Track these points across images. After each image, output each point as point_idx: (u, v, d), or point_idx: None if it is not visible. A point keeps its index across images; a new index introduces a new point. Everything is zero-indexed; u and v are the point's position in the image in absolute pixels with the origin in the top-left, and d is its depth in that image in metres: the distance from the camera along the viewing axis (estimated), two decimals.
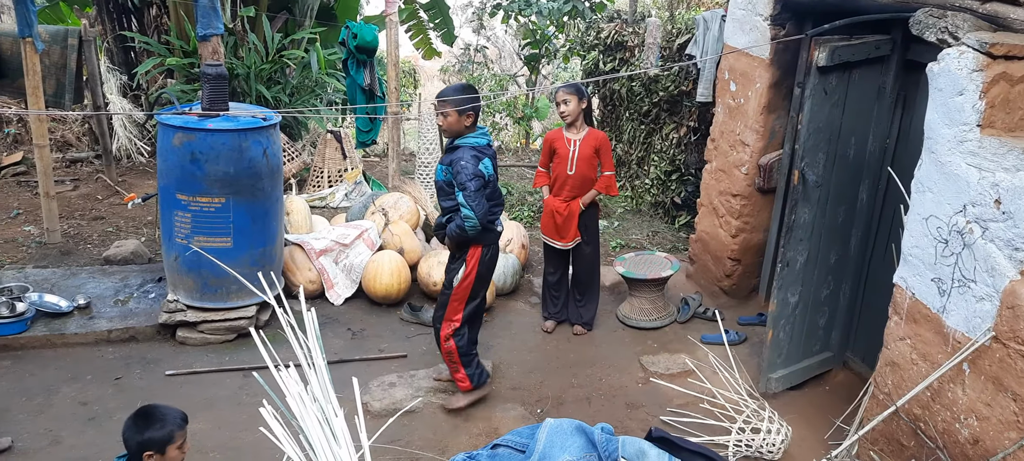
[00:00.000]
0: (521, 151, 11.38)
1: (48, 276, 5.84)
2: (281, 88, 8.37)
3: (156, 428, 2.85)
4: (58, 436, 4.22)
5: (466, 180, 4.14)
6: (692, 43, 6.56)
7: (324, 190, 8.22)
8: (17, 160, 8.67)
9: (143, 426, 2.85)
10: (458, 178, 4.17)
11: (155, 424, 2.86)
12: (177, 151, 4.79)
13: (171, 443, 2.88)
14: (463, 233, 4.23)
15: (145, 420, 2.87)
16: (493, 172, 4.31)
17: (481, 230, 4.24)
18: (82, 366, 4.90)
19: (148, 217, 7.37)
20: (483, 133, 4.35)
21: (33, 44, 6.04)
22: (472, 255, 4.35)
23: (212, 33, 5.52)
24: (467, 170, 4.14)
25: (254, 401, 4.61)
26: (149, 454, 2.85)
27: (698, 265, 6.36)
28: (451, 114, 4.20)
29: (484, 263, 4.39)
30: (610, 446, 1.54)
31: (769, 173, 5.55)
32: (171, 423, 2.89)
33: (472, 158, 4.18)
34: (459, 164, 4.17)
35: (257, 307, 5.34)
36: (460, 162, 4.17)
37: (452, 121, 4.23)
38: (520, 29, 11.63)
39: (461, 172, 4.15)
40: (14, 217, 7.24)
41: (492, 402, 4.76)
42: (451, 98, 4.21)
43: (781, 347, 4.81)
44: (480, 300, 4.56)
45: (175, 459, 2.93)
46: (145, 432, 2.84)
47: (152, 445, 2.84)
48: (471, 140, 4.27)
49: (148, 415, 2.89)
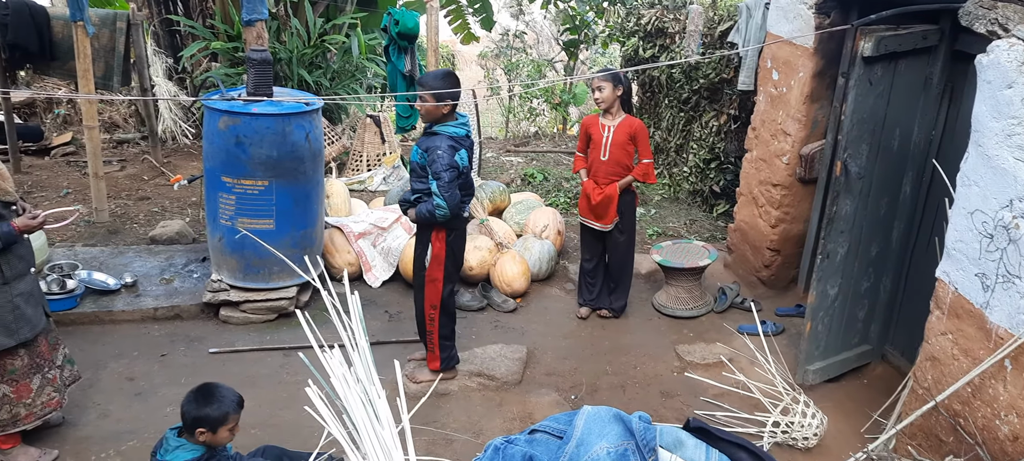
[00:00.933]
0: (558, 137, 11.37)
1: (96, 254, 6.00)
2: (322, 72, 8.46)
3: (213, 407, 2.97)
4: (106, 409, 4.36)
5: (441, 170, 4.18)
6: (734, 30, 6.49)
7: (363, 174, 8.30)
8: (66, 141, 8.90)
9: (202, 403, 2.97)
10: (433, 167, 4.21)
11: (213, 403, 2.97)
12: (222, 134, 4.89)
13: (224, 424, 2.99)
14: (433, 218, 4.29)
15: (204, 397, 2.99)
16: (468, 163, 4.35)
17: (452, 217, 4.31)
18: (129, 342, 5.04)
19: (192, 198, 7.53)
20: (463, 123, 4.38)
21: (84, 28, 6.18)
22: (437, 238, 4.41)
23: (257, 18, 5.62)
24: (442, 160, 4.18)
25: (294, 380, 4.72)
26: (202, 430, 2.96)
27: (736, 255, 6.32)
28: (429, 100, 4.24)
29: (450, 244, 4.44)
30: (648, 434, 1.56)
31: (811, 163, 5.49)
32: (227, 405, 3.00)
33: (449, 148, 4.22)
34: (435, 153, 4.20)
35: (297, 288, 5.44)
36: (437, 150, 4.21)
37: (429, 107, 4.26)
38: (559, 14, 11.60)
39: (436, 161, 4.19)
40: (64, 196, 7.44)
41: (527, 387, 4.81)
42: (430, 84, 4.26)
43: (819, 339, 4.78)
44: (453, 286, 4.64)
45: (224, 439, 3.04)
46: (203, 408, 2.96)
47: (206, 422, 2.95)
48: (450, 129, 4.30)
49: (208, 393, 3.02)
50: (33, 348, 3.78)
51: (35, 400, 3.81)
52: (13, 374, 3.71)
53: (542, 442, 1.74)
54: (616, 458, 1.55)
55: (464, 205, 4.44)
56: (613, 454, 1.56)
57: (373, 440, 1.71)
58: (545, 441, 1.73)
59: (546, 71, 11.67)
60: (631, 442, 1.57)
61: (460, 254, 4.60)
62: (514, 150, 10.29)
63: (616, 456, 1.56)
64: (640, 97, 9.02)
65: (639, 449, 1.55)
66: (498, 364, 4.91)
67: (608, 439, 1.59)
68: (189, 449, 3.01)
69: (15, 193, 3.64)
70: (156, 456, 3.05)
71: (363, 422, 1.74)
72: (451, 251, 4.45)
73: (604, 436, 1.61)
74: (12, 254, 3.58)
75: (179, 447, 3.01)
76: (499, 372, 4.85)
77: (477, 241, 6.03)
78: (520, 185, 8.63)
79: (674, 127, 8.40)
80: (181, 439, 3.04)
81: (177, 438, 3.04)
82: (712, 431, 1.63)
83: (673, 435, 1.58)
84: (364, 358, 1.99)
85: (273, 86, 5.09)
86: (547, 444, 1.72)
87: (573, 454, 1.60)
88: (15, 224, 3.53)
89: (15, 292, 3.61)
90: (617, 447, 1.57)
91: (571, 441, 1.62)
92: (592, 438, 1.61)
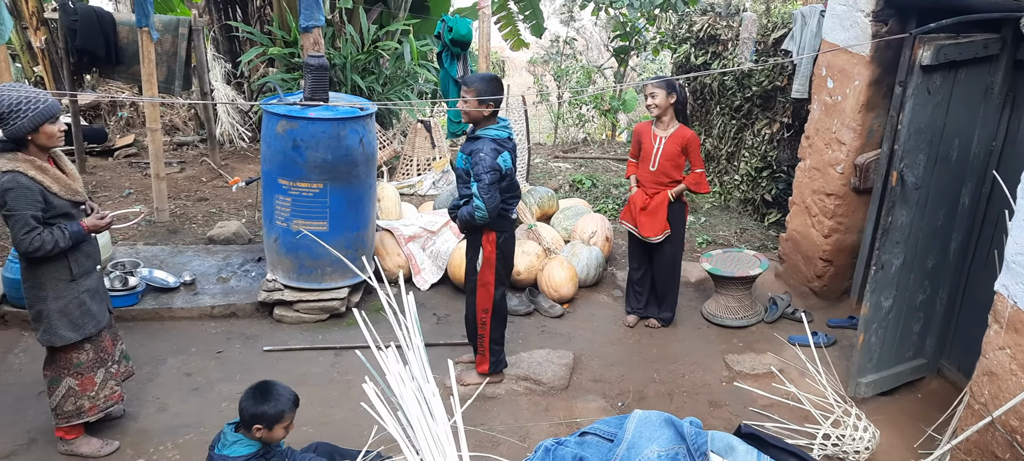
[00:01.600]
0: (607, 143, 11.35)
1: (157, 253, 6.20)
2: (375, 78, 8.61)
3: (270, 404, 3.06)
4: (164, 403, 4.50)
5: (482, 172, 4.22)
6: (789, 38, 6.42)
7: (413, 178, 8.41)
8: (129, 142, 9.20)
9: (260, 400, 3.06)
10: (475, 169, 4.25)
11: (270, 400, 3.06)
12: (280, 138, 5.02)
13: (280, 422, 3.07)
14: (472, 220, 4.33)
15: (262, 395, 3.08)
16: (511, 165, 4.38)
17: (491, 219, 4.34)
18: (187, 339, 5.19)
19: (248, 200, 7.71)
20: (504, 126, 4.42)
21: (149, 33, 6.40)
22: (487, 240, 4.45)
23: (314, 25, 5.75)
24: (484, 163, 4.22)
25: (345, 379, 4.81)
26: (259, 427, 3.04)
27: (788, 265, 6.25)
28: (471, 102, 4.29)
29: (500, 247, 4.48)
30: (699, 439, 1.57)
31: (866, 173, 5.41)
32: (284, 403, 3.09)
33: (492, 151, 4.26)
34: (478, 155, 4.25)
35: (349, 290, 5.54)
36: (479, 153, 4.25)
37: (471, 107, 4.31)
38: (610, 21, 11.60)
39: (479, 163, 4.23)
40: (126, 196, 7.69)
41: (573, 392, 4.82)
42: (475, 86, 4.30)
43: (872, 351, 4.70)
44: (504, 289, 4.68)
45: (279, 436, 3.12)
46: (261, 406, 3.05)
47: (263, 419, 3.04)
48: (493, 132, 4.34)
49: (266, 391, 3.11)
50: (98, 343, 3.93)
51: (98, 393, 3.95)
52: (79, 368, 3.85)
53: (592, 444, 1.76)
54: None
55: (510, 207, 4.49)
56: (664, 457, 1.57)
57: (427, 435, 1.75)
58: (595, 443, 1.75)
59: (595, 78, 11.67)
60: (682, 446, 1.58)
61: (510, 257, 4.66)
62: (562, 156, 10.31)
63: (667, 460, 1.57)
64: (691, 104, 8.97)
65: (690, 453, 1.56)
66: (545, 369, 4.93)
67: (659, 443, 1.61)
68: (246, 444, 3.10)
69: (84, 193, 3.79)
70: (214, 450, 3.14)
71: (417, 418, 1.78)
72: (502, 254, 4.50)
73: (655, 440, 1.62)
74: (80, 252, 3.73)
75: (236, 442, 3.10)
76: (546, 377, 4.87)
77: (525, 246, 6.06)
78: (568, 191, 8.65)
79: (726, 135, 8.34)
80: (239, 434, 3.13)
81: (235, 433, 3.14)
82: (764, 438, 1.63)
83: (724, 441, 1.59)
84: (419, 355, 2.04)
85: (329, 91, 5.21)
86: (598, 446, 1.74)
87: (624, 457, 1.62)
88: (84, 223, 3.67)
89: (82, 288, 3.76)
90: (668, 451, 1.58)
91: (622, 444, 1.64)
92: (643, 441, 1.63)
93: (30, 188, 3.46)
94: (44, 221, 3.53)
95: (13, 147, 3.49)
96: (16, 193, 3.43)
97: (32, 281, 3.67)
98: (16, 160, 3.46)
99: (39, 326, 3.74)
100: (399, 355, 2.11)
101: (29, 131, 3.44)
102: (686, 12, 9.32)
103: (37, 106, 3.43)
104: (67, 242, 3.57)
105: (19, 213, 3.43)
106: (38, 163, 3.51)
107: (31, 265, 3.63)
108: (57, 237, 3.54)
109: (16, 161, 3.46)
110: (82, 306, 3.76)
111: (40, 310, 3.70)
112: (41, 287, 3.67)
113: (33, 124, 3.42)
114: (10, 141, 3.47)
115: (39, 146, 3.52)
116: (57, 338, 3.73)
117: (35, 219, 3.48)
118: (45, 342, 3.77)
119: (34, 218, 3.47)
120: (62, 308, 3.70)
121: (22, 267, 3.68)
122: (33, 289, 3.68)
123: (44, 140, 3.51)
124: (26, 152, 3.50)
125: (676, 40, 9.11)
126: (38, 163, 3.51)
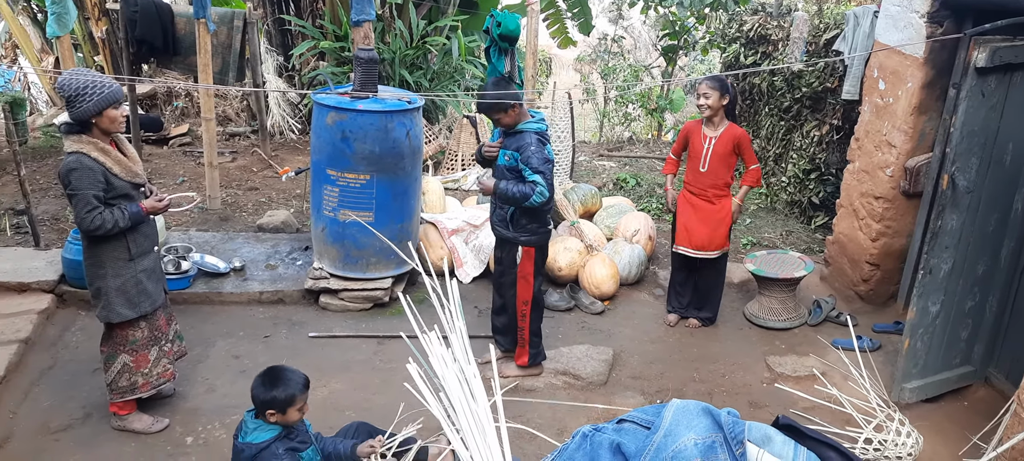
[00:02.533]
0: (652, 143, 11.31)
1: (208, 239, 6.37)
2: (422, 73, 8.71)
3: (280, 389, 3.09)
4: (213, 385, 4.64)
5: (539, 165, 4.25)
6: (840, 39, 6.34)
7: (457, 173, 8.49)
8: (183, 132, 9.44)
9: (270, 386, 3.09)
10: (530, 163, 4.27)
11: (280, 386, 3.09)
12: (329, 129, 5.12)
13: (292, 405, 3.10)
14: (523, 201, 4.29)
15: (272, 381, 3.11)
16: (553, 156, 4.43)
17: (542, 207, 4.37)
18: (235, 322, 5.33)
19: (297, 190, 7.87)
20: (541, 119, 4.47)
21: (206, 25, 6.56)
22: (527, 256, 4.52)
23: (365, 19, 5.85)
24: (538, 155, 4.27)
25: (388, 366, 4.90)
26: (272, 412, 3.10)
27: (833, 268, 6.17)
28: (512, 112, 4.34)
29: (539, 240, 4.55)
30: (736, 428, 1.58)
31: (916, 177, 5.32)
32: (294, 387, 3.12)
33: (539, 143, 4.31)
34: (528, 150, 4.28)
35: (392, 280, 5.63)
36: (529, 148, 4.28)
37: (515, 115, 4.35)
38: (660, 20, 11.55)
39: (532, 157, 4.26)
40: (180, 183, 7.91)
41: (612, 388, 4.84)
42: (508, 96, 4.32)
43: (918, 357, 4.63)
44: (542, 279, 4.77)
45: (295, 418, 3.16)
46: (271, 391, 3.08)
47: (275, 404, 3.08)
48: (533, 125, 4.38)
49: (276, 376, 3.13)
50: (153, 322, 4.07)
51: (152, 370, 4.09)
52: (134, 345, 4.00)
53: (630, 431, 1.78)
54: (704, 450, 1.59)
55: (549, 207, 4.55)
56: (701, 446, 1.60)
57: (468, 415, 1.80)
58: (633, 430, 1.78)
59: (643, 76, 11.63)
60: (719, 434, 1.60)
61: (547, 248, 4.71)
62: (607, 154, 10.30)
63: (704, 448, 1.59)
64: (740, 105, 8.89)
65: (727, 442, 1.58)
66: (584, 364, 4.95)
67: (696, 431, 1.63)
68: (266, 429, 3.13)
69: (144, 175, 3.94)
70: (237, 438, 3.20)
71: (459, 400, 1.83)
72: (540, 245, 4.54)
73: (692, 428, 1.64)
74: (139, 233, 3.87)
75: (257, 428, 3.13)
76: (585, 372, 4.89)
77: (566, 243, 6.09)
78: (612, 189, 8.64)
79: (773, 136, 8.25)
80: (258, 421, 3.16)
81: (254, 420, 3.17)
82: (801, 429, 1.64)
83: (761, 431, 1.60)
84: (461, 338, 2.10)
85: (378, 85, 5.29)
86: (635, 434, 1.77)
87: (660, 444, 1.64)
88: (143, 205, 3.81)
89: (139, 268, 3.90)
90: (705, 439, 1.61)
91: (659, 431, 1.67)
92: (680, 429, 1.65)
93: (93, 169, 3.61)
94: (105, 201, 3.67)
95: (78, 129, 3.64)
96: (79, 173, 3.58)
97: (92, 259, 3.82)
98: (81, 142, 3.62)
99: (98, 303, 3.89)
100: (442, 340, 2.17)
101: (94, 114, 3.58)
102: (737, 12, 9.24)
103: (102, 91, 3.57)
104: (127, 222, 3.71)
105: (82, 193, 3.58)
106: (101, 145, 3.66)
107: (92, 244, 3.78)
108: (117, 217, 3.68)
109: (80, 143, 3.61)
110: (139, 285, 3.90)
111: (99, 287, 3.85)
112: (101, 265, 3.81)
113: (98, 107, 3.57)
114: (75, 123, 3.63)
115: (102, 129, 3.67)
116: (114, 315, 3.88)
117: (97, 199, 3.62)
118: (103, 318, 3.92)
119: (96, 198, 3.62)
120: (120, 286, 3.85)
121: (84, 245, 3.84)
122: (93, 267, 3.83)
123: (107, 124, 3.65)
124: (90, 135, 3.65)
125: (725, 40, 9.03)
126: (101, 145, 3.66)
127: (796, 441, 1.58)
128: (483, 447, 1.71)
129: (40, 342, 4.91)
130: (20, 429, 4.12)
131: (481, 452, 1.70)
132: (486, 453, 1.69)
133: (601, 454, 1.75)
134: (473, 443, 1.72)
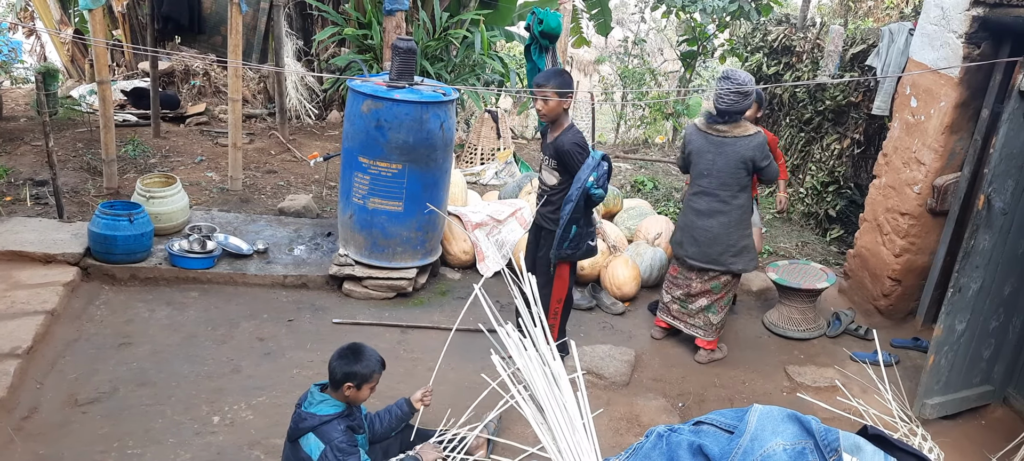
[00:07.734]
0: (668, 147, 11.32)
1: (231, 220, 6.36)
2: (444, 65, 8.70)
3: (362, 364, 3.19)
4: (238, 365, 4.63)
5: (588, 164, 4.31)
6: (873, 54, 6.36)
7: (476, 167, 8.50)
8: (200, 111, 9.42)
9: (351, 360, 3.19)
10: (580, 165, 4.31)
11: (361, 361, 3.20)
12: (364, 117, 5.12)
13: (368, 382, 3.20)
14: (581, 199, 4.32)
15: (353, 356, 3.22)
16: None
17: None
18: (259, 304, 5.33)
19: (315, 175, 7.86)
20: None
21: (239, 6, 6.55)
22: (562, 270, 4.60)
23: (398, 8, 5.85)
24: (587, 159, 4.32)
25: (410, 356, 4.90)
26: (349, 385, 3.17)
27: (853, 281, 6.20)
28: (552, 98, 4.33)
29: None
30: (829, 436, 1.60)
31: (944, 195, 5.35)
32: (373, 364, 3.23)
33: (586, 143, 4.36)
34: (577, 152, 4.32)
35: (417, 270, 5.63)
36: (577, 147, 4.32)
37: (553, 106, 4.35)
38: (681, 25, 11.56)
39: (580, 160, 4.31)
40: (198, 163, 7.89)
41: (635, 389, 4.86)
42: (553, 82, 4.33)
43: (941, 373, 4.66)
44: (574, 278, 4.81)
45: (365, 397, 3.24)
46: (353, 365, 3.18)
47: (355, 378, 3.17)
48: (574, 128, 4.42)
49: (357, 352, 3.24)
50: None
51: None
52: None
53: (710, 434, 1.79)
54: (794, 456, 1.59)
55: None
56: (790, 452, 1.60)
57: (550, 401, 1.81)
58: (713, 433, 1.79)
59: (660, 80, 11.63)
60: (809, 441, 1.61)
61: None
62: (623, 156, 10.31)
63: (793, 454, 1.60)
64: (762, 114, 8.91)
65: (819, 448, 1.59)
66: (607, 364, 4.97)
67: (784, 436, 1.64)
68: (332, 404, 3.22)
69: None
70: (300, 407, 3.25)
71: (542, 388, 1.85)
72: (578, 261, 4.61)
73: (779, 433, 1.65)
74: None
75: (323, 401, 3.22)
76: (607, 372, 4.91)
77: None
78: (629, 192, 8.66)
79: (793, 147, 8.28)
80: (325, 394, 3.24)
81: (321, 393, 3.25)
82: (890, 439, 1.66)
83: (851, 440, 1.61)
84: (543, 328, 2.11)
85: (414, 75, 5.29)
86: (716, 436, 1.77)
87: (747, 447, 1.65)
88: None
89: None
90: (793, 445, 1.61)
91: (745, 435, 1.68)
92: (766, 434, 1.66)
93: None
94: None
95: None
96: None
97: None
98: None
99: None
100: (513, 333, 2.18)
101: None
102: (761, 21, 9.26)
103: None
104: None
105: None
106: None
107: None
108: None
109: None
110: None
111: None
112: None
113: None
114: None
115: None
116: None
117: None
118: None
119: None
120: None
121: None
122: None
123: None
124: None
125: (748, 48, 9.05)
126: None
127: (885, 452, 1.59)
128: (572, 441, 1.72)
129: (66, 314, 4.90)
130: (46, 400, 4.11)
131: (570, 447, 1.71)
132: (575, 448, 1.71)
133: (680, 455, 1.76)
134: (561, 437, 1.73)
